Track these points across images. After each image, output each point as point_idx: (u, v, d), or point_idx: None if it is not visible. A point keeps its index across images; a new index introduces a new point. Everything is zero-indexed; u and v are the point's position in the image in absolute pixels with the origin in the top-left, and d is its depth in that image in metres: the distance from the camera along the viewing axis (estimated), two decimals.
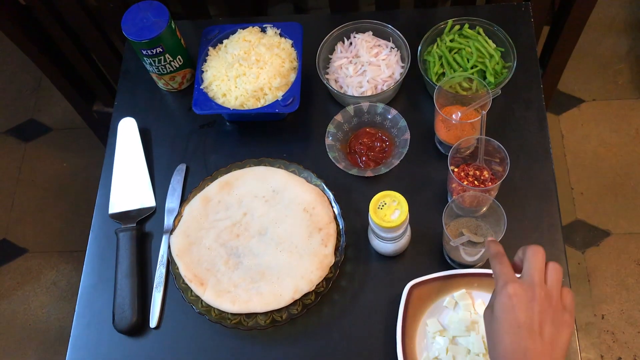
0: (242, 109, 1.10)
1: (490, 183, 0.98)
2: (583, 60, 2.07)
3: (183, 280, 0.99)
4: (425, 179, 1.08)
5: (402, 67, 1.14)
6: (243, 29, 1.17)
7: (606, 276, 1.80)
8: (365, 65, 1.13)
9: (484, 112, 0.95)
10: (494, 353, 0.71)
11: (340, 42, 1.18)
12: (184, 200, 1.10)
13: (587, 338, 1.73)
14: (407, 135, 1.04)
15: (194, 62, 1.19)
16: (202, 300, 0.98)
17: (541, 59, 1.66)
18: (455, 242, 0.91)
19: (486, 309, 0.74)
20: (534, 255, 0.73)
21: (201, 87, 1.12)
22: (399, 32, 1.14)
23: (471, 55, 1.11)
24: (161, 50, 1.10)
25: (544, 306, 0.70)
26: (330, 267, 0.99)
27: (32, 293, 1.96)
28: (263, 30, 1.17)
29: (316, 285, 0.97)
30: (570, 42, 1.56)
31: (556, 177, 1.07)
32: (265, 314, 0.96)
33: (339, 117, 1.08)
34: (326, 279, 0.98)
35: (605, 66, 2.10)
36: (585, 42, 2.04)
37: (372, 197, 0.91)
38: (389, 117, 1.07)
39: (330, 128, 1.07)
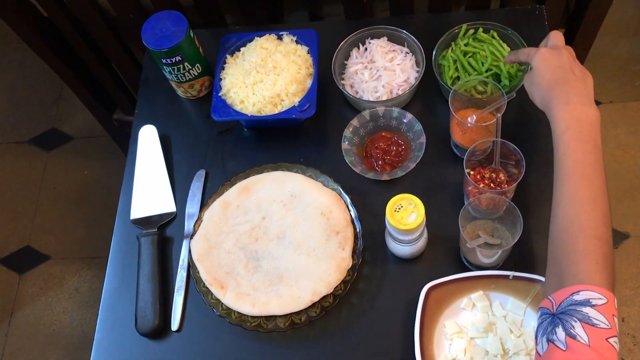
0: (260, 115, 1.12)
1: (506, 185, 0.99)
2: (599, 63, 2.06)
3: (203, 284, 1.01)
4: (441, 182, 1.09)
5: (417, 71, 1.15)
6: (260, 36, 1.19)
7: (625, 279, 1.79)
8: (381, 70, 1.15)
9: (499, 115, 0.96)
10: (538, 88, 0.89)
11: (356, 47, 1.19)
12: (203, 205, 1.12)
13: None
14: (423, 139, 1.05)
15: (212, 70, 1.22)
16: (222, 303, 0.99)
17: None
18: (472, 244, 0.92)
19: (525, 80, 0.94)
20: (555, 34, 0.93)
21: (219, 94, 1.14)
22: (413, 37, 1.15)
23: (486, 58, 1.12)
24: (180, 58, 1.12)
25: (570, 58, 0.89)
26: (348, 270, 1.00)
27: (55, 299, 1.99)
28: (279, 38, 1.19)
29: (334, 288, 0.98)
30: (585, 44, 1.56)
31: None
32: (285, 316, 0.98)
33: (355, 122, 1.09)
34: (344, 282, 0.99)
35: (622, 68, 2.09)
36: (601, 44, 2.03)
37: (388, 201, 0.92)
38: (405, 121, 1.09)
39: (347, 132, 1.09)
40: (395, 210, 0.92)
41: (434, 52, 1.14)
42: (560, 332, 0.66)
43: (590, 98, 0.85)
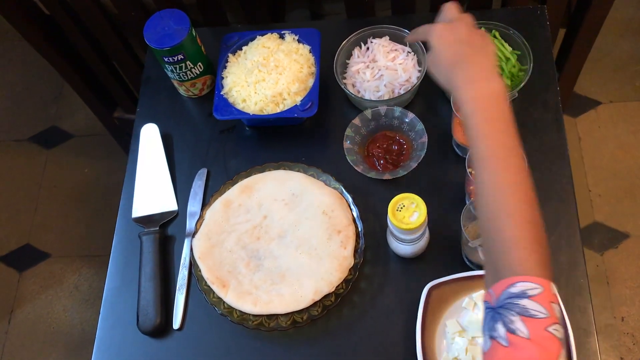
0: (262, 114, 1.12)
1: None
2: (600, 63, 2.07)
3: (205, 283, 1.01)
4: (443, 182, 1.09)
5: (419, 71, 1.15)
6: (262, 35, 1.19)
7: (625, 278, 1.80)
8: (383, 69, 1.15)
9: None
10: (439, 68, 0.84)
11: (357, 47, 1.19)
12: (205, 204, 1.12)
13: (606, 340, 1.72)
14: (425, 138, 1.06)
15: (214, 69, 1.22)
16: (224, 302, 1.00)
17: (557, 61, 1.66)
18: (474, 243, 0.92)
19: (427, 60, 0.88)
20: (447, 7, 0.89)
21: (221, 93, 1.14)
22: None
23: None
24: (182, 57, 1.12)
25: (467, 30, 0.84)
26: (350, 269, 1.00)
27: (55, 297, 1.99)
28: (281, 37, 1.19)
29: (336, 287, 0.99)
30: (586, 44, 1.56)
31: (574, 180, 1.07)
32: (286, 315, 0.98)
33: (356, 121, 1.09)
34: (346, 281, 0.99)
35: (622, 68, 2.09)
36: (602, 44, 2.03)
37: (390, 200, 0.92)
38: (407, 120, 1.09)
39: (348, 132, 1.09)
40: (397, 210, 0.92)
41: None
42: (500, 328, 0.65)
43: (493, 70, 0.81)
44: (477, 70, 0.80)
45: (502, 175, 0.73)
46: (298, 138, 1.17)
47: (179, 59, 1.12)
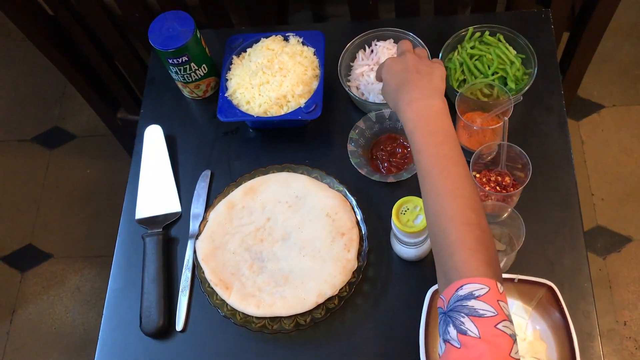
0: (266, 116, 1.12)
1: (512, 189, 0.99)
2: (603, 66, 2.06)
3: (208, 285, 1.01)
4: None
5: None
6: (266, 37, 1.19)
7: (628, 282, 1.79)
8: None
9: (506, 119, 0.96)
10: (387, 96, 0.92)
11: (362, 49, 1.19)
12: (208, 205, 1.12)
13: (609, 345, 1.72)
14: None
15: (218, 70, 1.22)
16: (227, 304, 0.99)
17: (561, 64, 1.66)
18: None
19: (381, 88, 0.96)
20: (401, 43, 0.96)
21: (226, 94, 1.14)
22: (420, 40, 1.15)
23: (492, 62, 1.12)
24: (187, 59, 1.12)
25: (415, 59, 0.91)
26: (353, 272, 1.00)
27: (57, 297, 1.99)
28: (286, 39, 1.19)
29: (339, 290, 0.98)
30: (590, 48, 1.56)
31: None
32: (290, 317, 0.98)
33: (360, 124, 1.09)
34: (349, 284, 0.99)
35: (626, 72, 2.09)
36: (605, 47, 2.03)
37: (394, 203, 0.92)
38: None
39: (352, 134, 1.09)
40: (401, 213, 0.92)
41: (440, 55, 1.14)
42: (452, 331, 0.67)
43: (435, 90, 0.86)
44: (418, 90, 0.86)
45: (443, 183, 0.77)
46: (302, 140, 1.17)
47: (184, 60, 1.12)
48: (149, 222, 1.12)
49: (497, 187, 0.99)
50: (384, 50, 1.17)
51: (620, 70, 2.09)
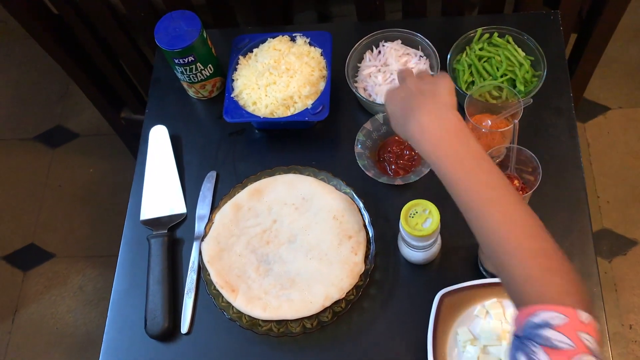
0: (272, 117, 1.11)
1: (521, 192, 0.98)
2: (609, 68, 2.05)
3: (214, 287, 1.00)
4: None
5: (432, 75, 1.14)
6: (273, 38, 1.18)
7: (633, 285, 1.78)
8: (394, 73, 1.14)
9: (516, 121, 0.95)
10: (397, 128, 0.84)
11: (369, 50, 1.19)
12: (214, 207, 1.11)
13: (614, 348, 1.71)
14: None
15: (224, 71, 1.21)
16: (233, 306, 0.99)
17: (568, 66, 1.65)
18: None
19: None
20: (398, 72, 0.88)
21: (232, 95, 1.13)
22: (428, 41, 1.14)
23: (501, 63, 1.11)
24: (193, 59, 1.11)
25: (415, 81, 0.83)
26: (360, 275, 0.99)
27: (59, 297, 1.98)
28: (292, 39, 1.18)
29: (346, 293, 0.98)
30: (597, 49, 1.55)
31: None
32: (296, 321, 0.97)
33: (368, 125, 1.08)
34: (356, 287, 0.98)
35: (632, 74, 2.08)
36: (612, 49, 2.01)
37: (401, 206, 0.91)
38: None
39: (360, 136, 1.08)
40: (410, 216, 0.91)
41: (448, 56, 1.13)
42: (522, 358, 0.62)
43: (444, 107, 0.78)
44: (426, 115, 0.77)
45: (490, 217, 0.70)
46: (308, 142, 1.16)
47: (190, 60, 1.11)
48: (154, 223, 1.11)
49: None
50: (392, 51, 1.16)
51: (626, 72, 2.08)
